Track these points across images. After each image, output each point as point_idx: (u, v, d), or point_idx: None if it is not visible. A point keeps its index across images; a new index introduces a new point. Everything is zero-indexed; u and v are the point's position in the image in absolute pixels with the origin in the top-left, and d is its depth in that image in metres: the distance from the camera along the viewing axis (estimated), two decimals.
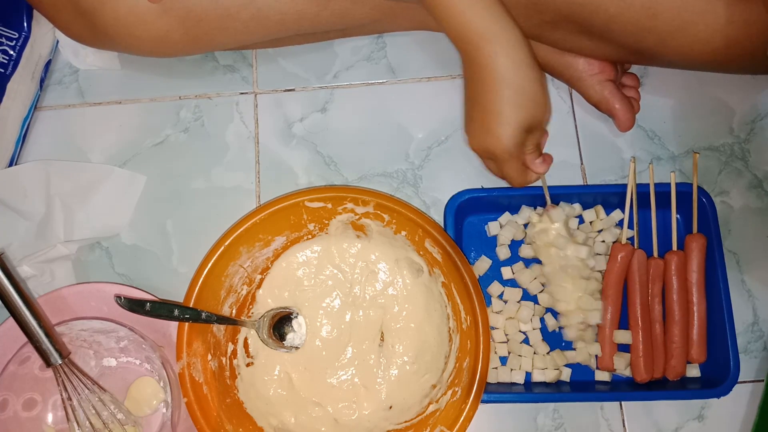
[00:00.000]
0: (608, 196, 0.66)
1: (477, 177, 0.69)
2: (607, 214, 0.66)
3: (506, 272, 0.65)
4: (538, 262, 0.64)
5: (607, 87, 0.66)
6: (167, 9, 0.59)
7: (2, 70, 0.67)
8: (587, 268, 0.62)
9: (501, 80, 0.53)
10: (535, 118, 0.55)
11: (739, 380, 0.60)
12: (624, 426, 0.64)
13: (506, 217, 0.66)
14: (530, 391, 0.62)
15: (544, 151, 0.59)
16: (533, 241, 0.63)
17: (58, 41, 0.72)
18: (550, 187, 0.63)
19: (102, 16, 0.59)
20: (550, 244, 0.62)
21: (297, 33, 0.66)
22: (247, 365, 0.64)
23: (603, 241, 0.65)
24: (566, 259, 0.61)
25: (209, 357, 0.61)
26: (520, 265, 0.65)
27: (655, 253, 0.64)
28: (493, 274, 0.66)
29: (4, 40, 0.67)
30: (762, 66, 0.60)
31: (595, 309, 0.61)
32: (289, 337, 0.65)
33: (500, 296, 0.65)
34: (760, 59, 0.58)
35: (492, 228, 0.66)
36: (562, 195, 0.65)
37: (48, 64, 0.72)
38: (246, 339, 0.65)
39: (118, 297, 0.57)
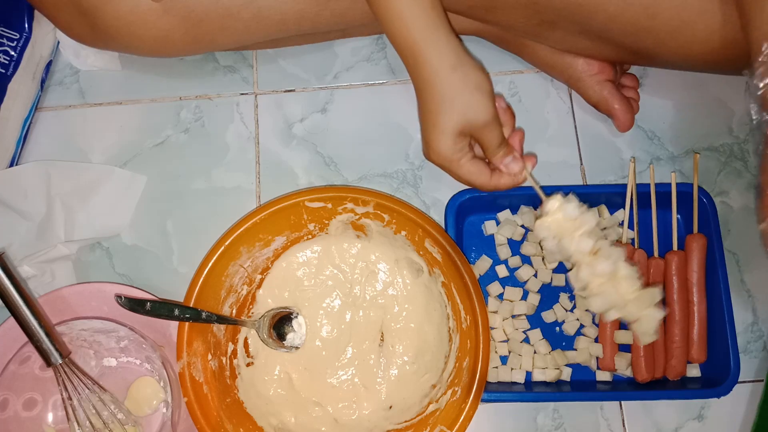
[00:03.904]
0: (608, 197, 0.66)
1: None
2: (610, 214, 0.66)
3: (501, 270, 0.65)
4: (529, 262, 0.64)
5: (606, 87, 0.66)
6: (168, 9, 0.59)
7: (3, 71, 0.67)
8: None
9: (425, 89, 0.54)
10: (469, 120, 0.54)
11: (739, 380, 0.60)
12: (624, 426, 0.64)
13: (504, 215, 0.66)
14: (530, 390, 0.62)
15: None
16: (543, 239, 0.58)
17: (59, 42, 0.73)
18: (547, 187, 0.63)
19: (103, 16, 0.59)
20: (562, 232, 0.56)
21: (297, 33, 0.66)
22: (247, 365, 0.64)
23: (606, 239, 0.65)
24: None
25: (209, 357, 0.61)
26: (517, 259, 0.66)
27: (656, 253, 0.64)
28: (494, 273, 0.66)
29: (5, 40, 0.68)
30: None
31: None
32: (289, 337, 0.65)
33: (500, 296, 0.65)
34: None
35: (488, 227, 0.66)
36: None
37: (49, 64, 0.72)
38: (246, 339, 0.65)
39: (118, 296, 0.57)
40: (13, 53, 0.68)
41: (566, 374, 0.63)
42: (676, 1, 0.56)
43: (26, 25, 0.69)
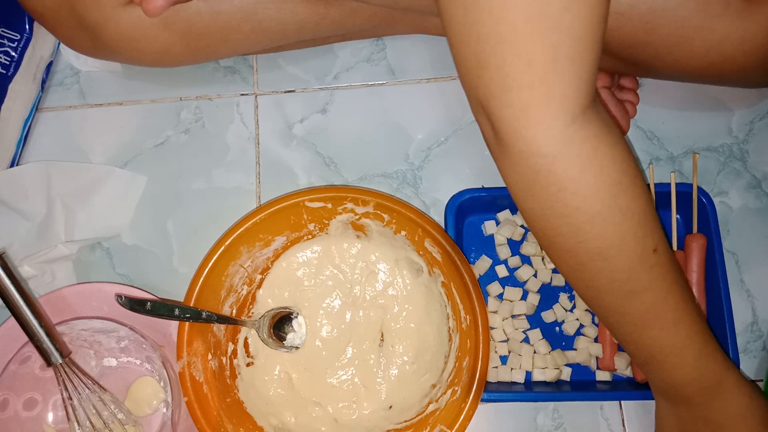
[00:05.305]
0: None
1: (477, 177, 0.69)
2: None
3: (501, 270, 0.65)
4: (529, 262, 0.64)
5: (601, 93, 0.66)
6: (169, 24, 0.59)
7: (4, 72, 0.68)
8: None
9: (739, 419, 0.52)
10: None
11: None
12: (624, 426, 0.64)
13: (504, 215, 0.66)
14: (530, 390, 0.62)
15: None
16: None
17: (59, 43, 0.73)
18: None
19: (105, 31, 0.59)
20: None
21: (297, 41, 0.66)
22: (248, 365, 0.64)
23: None
24: None
25: (209, 356, 0.61)
26: (517, 259, 0.66)
27: None
28: (494, 273, 0.66)
29: (5, 41, 0.68)
30: (756, 81, 0.61)
31: None
32: (289, 337, 0.65)
33: (500, 296, 0.65)
34: (755, 74, 0.58)
35: (488, 227, 0.67)
36: None
37: (49, 65, 0.72)
38: (246, 339, 0.65)
39: (119, 296, 0.57)
40: (13, 54, 0.68)
41: (566, 374, 0.63)
42: (674, 18, 0.55)
43: (27, 26, 0.69)
